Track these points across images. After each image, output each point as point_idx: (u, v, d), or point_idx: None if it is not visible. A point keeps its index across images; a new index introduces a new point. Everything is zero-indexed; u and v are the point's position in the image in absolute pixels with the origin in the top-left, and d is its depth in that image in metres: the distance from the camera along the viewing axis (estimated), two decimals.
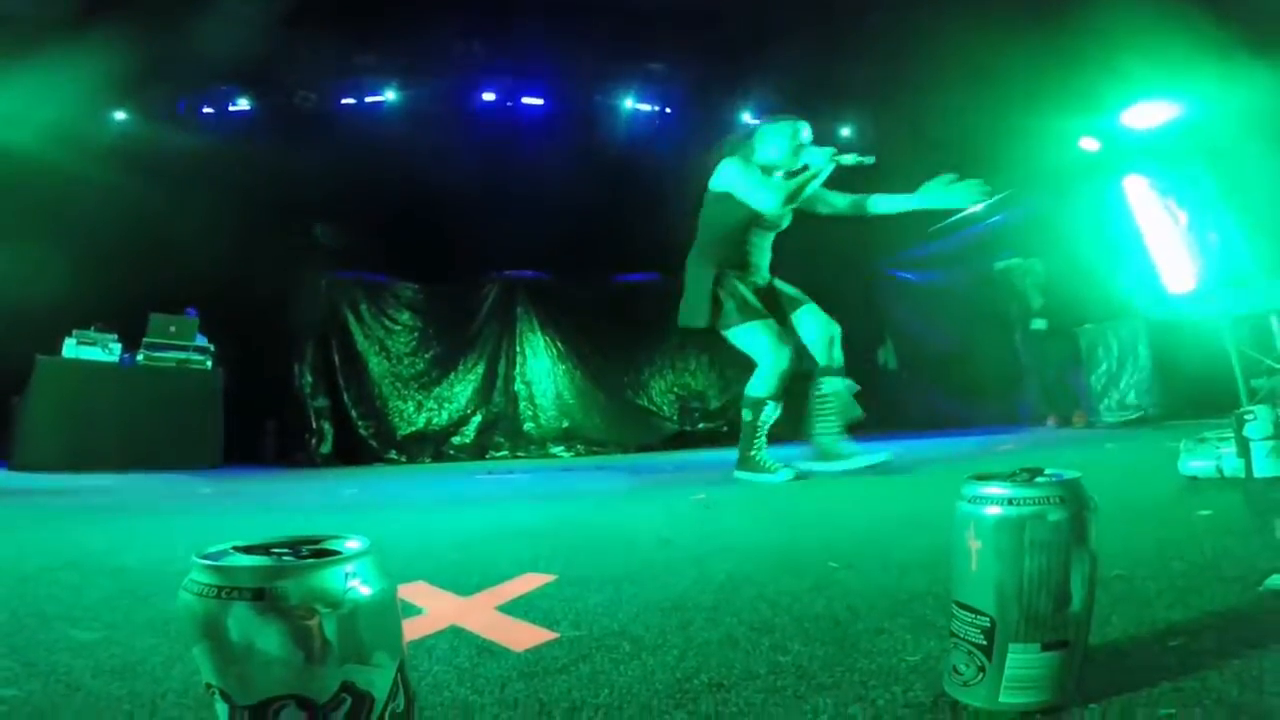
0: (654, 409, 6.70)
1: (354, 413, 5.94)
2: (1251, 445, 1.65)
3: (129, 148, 5.84)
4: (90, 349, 4.88)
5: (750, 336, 2.77)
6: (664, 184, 6.41)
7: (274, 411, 6.20)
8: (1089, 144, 6.02)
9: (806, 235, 3.11)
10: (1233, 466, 1.69)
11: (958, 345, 7.02)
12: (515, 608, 0.94)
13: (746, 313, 2.75)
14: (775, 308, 2.87)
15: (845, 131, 7.21)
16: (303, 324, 6.10)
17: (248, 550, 0.45)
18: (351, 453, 5.81)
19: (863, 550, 1.25)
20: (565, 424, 6.39)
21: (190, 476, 3.95)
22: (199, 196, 5.55)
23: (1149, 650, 0.66)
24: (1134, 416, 5.64)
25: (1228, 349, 4.53)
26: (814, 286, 3.02)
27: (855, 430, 2.87)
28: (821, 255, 4.50)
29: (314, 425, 5.83)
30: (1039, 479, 0.54)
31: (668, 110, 7.14)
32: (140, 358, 5.06)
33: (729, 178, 2.80)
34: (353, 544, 0.46)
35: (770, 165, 2.83)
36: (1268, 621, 0.71)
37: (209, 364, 5.28)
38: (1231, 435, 1.70)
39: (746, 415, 2.79)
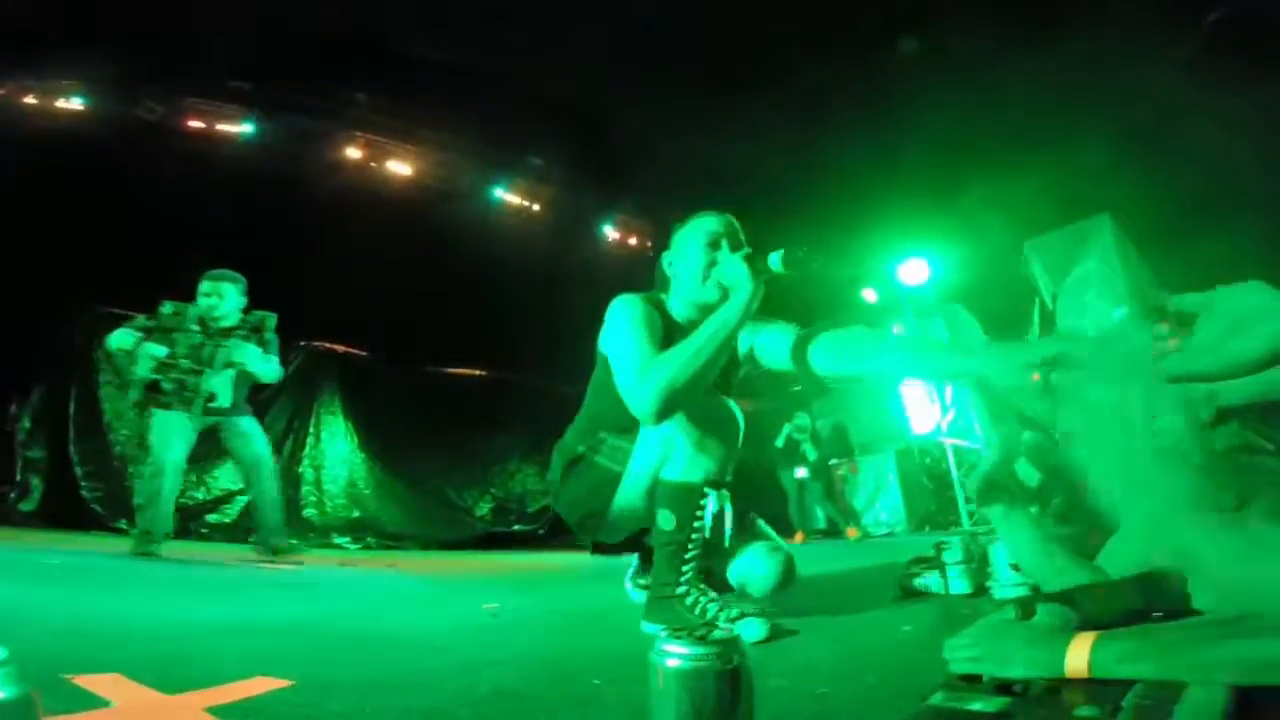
0: (464, 506, 6.36)
1: (79, 470, 4.90)
2: (947, 568, 2.03)
3: None
4: None
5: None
6: (515, 283, 6.21)
7: None
8: (869, 295, 7.26)
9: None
10: (936, 584, 2.06)
11: None
12: (232, 711, 0.84)
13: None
14: None
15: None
16: (35, 360, 5.05)
17: None
18: (65, 515, 4.71)
19: (631, 658, 1.30)
20: (355, 514, 5.78)
21: None
22: None
23: None
24: (885, 532, 6.62)
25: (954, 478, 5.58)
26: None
27: None
28: None
29: (19, 477, 4.75)
30: (712, 636, 0.71)
31: (535, 207, 7.05)
32: None
33: (609, 329, 1.57)
34: None
35: (690, 304, 1.64)
36: None
37: None
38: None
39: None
